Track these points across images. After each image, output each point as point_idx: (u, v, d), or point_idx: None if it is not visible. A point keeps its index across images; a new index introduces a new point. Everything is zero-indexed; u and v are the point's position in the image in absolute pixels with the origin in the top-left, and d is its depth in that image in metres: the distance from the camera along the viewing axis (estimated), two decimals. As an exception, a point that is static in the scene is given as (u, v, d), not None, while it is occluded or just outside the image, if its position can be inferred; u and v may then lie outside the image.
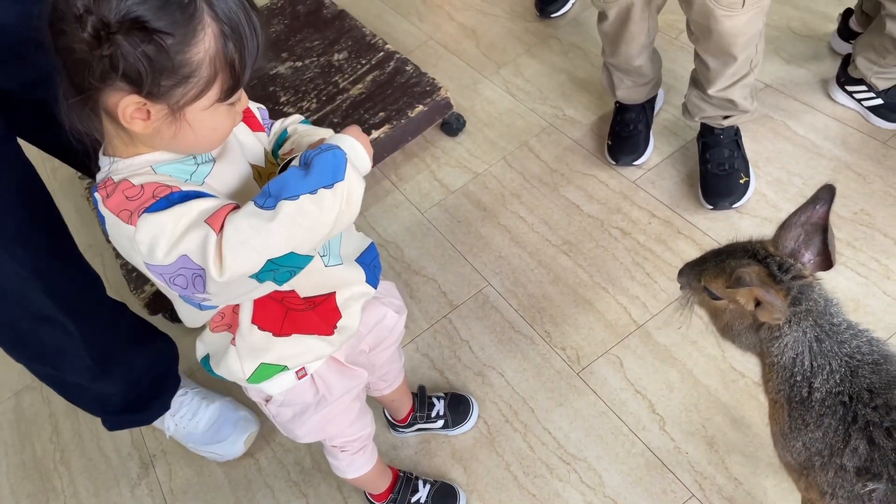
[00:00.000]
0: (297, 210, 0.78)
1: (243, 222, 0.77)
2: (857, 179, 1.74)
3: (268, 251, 0.78)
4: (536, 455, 1.52)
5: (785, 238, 0.96)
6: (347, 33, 2.41)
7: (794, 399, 0.97)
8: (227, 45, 0.77)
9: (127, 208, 0.80)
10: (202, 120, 0.82)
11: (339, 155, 0.82)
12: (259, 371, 1.03)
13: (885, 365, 0.94)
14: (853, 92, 1.84)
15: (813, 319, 0.94)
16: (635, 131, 1.92)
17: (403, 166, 2.17)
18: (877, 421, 0.90)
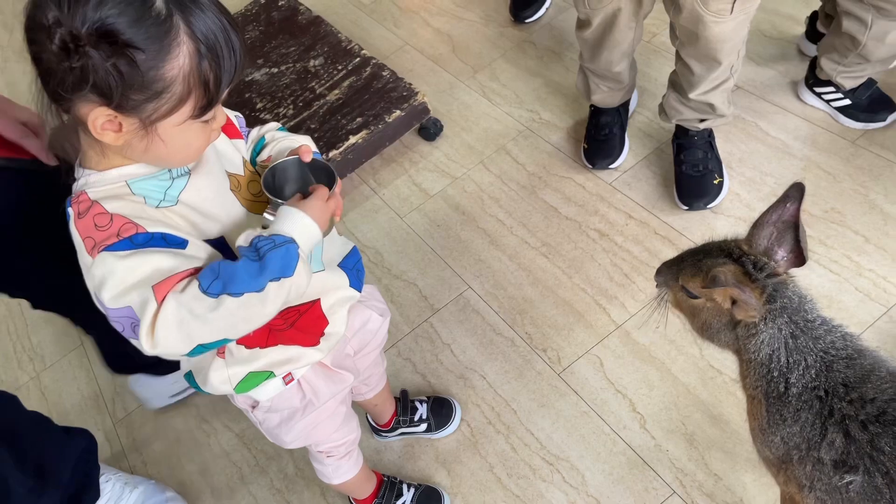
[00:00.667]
0: (238, 306, 0.79)
1: (184, 305, 0.78)
2: (827, 178, 1.78)
3: (200, 339, 0.80)
4: (519, 456, 1.53)
5: (758, 237, 0.98)
6: (323, 39, 2.41)
7: (771, 394, 0.99)
8: (202, 64, 0.77)
9: (92, 237, 0.81)
10: (174, 135, 0.81)
11: (292, 251, 0.82)
12: (246, 379, 1.03)
13: (859, 359, 0.96)
14: (821, 93, 1.88)
15: (788, 316, 0.96)
16: (611, 135, 1.94)
17: (382, 171, 2.18)
18: (852, 414, 0.92)
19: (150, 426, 1.81)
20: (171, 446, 1.76)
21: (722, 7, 1.45)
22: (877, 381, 0.94)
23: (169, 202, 0.87)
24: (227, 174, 0.96)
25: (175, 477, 1.70)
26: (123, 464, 1.76)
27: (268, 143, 1.04)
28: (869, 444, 0.91)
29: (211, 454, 1.71)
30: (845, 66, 1.79)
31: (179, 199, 0.88)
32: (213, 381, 1.02)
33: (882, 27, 1.65)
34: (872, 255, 1.63)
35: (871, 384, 0.94)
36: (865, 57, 1.74)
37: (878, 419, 0.91)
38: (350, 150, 2.05)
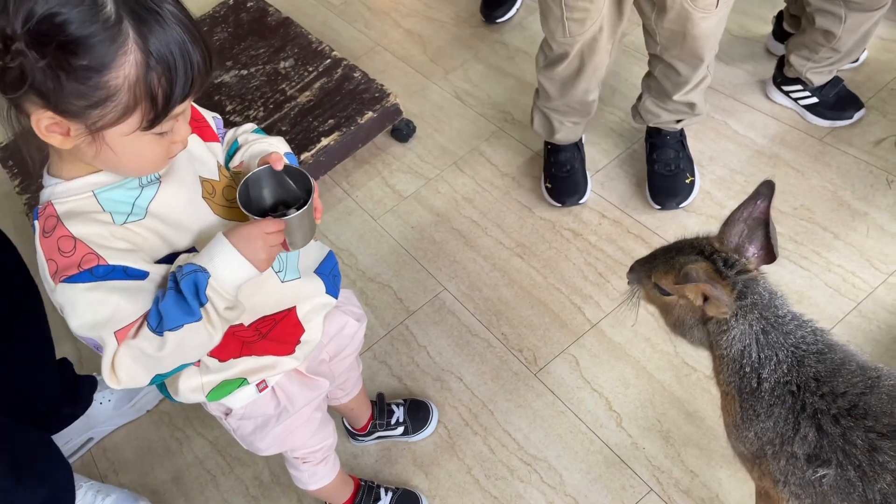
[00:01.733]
0: (181, 338, 0.82)
1: (136, 348, 0.81)
2: (796, 175, 1.81)
3: (157, 371, 0.85)
4: (497, 457, 1.53)
5: (729, 234, 0.99)
6: (293, 40, 2.39)
7: (744, 390, 1.00)
8: (150, 76, 0.73)
9: (55, 260, 0.80)
10: (123, 145, 0.78)
11: (201, 280, 0.83)
12: (219, 387, 1.01)
13: (830, 354, 0.98)
14: (789, 91, 1.91)
15: (759, 312, 0.97)
16: (573, 170, 1.88)
17: (355, 173, 2.16)
18: (824, 408, 0.93)
19: (120, 434, 1.77)
20: (142, 454, 1.73)
21: (709, 2, 1.46)
22: (847, 374, 0.95)
23: (136, 216, 0.85)
24: (201, 180, 0.93)
25: (147, 485, 1.67)
26: (94, 472, 1.72)
27: (241, 147, 1.02)
28: (841, 437, 0.92)
29: (184, 461, 1.69)
30: (815, 61, 1.81)
31: (148, 211, 0.86)
32: (184, 389, 1.00)
33: (856, 20, 1.69)
34: (841, 251, 1.65)
35: (842, 378, 0.95)
36: (837, 49, 1.76)
37: (850, 413, 0.92)
38: (322, 152, 2.03)
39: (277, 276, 1.01)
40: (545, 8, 1.55)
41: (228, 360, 1.01)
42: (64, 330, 1.98)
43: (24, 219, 2.24)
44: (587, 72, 1.65)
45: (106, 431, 1.77)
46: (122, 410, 1.76)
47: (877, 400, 0.92)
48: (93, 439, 1.76)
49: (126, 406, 1.76)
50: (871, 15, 1.68)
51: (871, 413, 0.92)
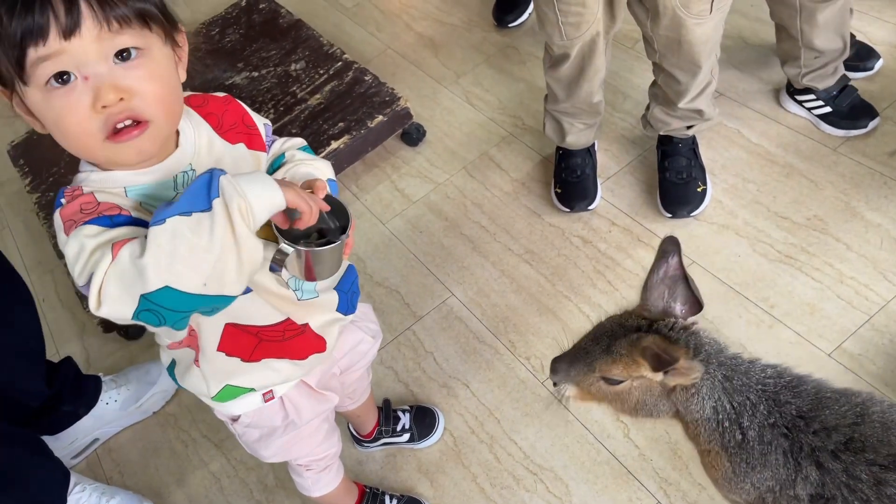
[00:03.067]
0: (164, 233, 0.67)
1: (126, 252, 0.69)
2: (809, 186, 1.79)
3: (140, 287, 0.68)
4: (503, 466, 1.52)
5: (651, 298, 0.99)
6: (304, 43, 2.39)
7: (729, 445, 0.97)
8: None
9: (73, 219, 0.75)
10: (41, 112, 0.74)
11: (215, 173, 0.71)
12: (224, 391, 1.00)
13: (802, 385, 0.96)
14: (802, 101, 1.89)
15: (716, 362, 0.95)
16: (583, 176, 1.87)
17: (364, 177, 2.16)
18: (821, 445, 0.91)
19: (126, 435, 1.77)
20: (148, 456, 1.73)
21: (702, 8, 1.45)
22: (834, 405, 0.93)
23: None
24: None
25: (152, 487, 1.67)
26: (99, 474, 1.72)
27: (286, 163, 0.97)
28: (844, 473, 0.89)
29: (189, 464, 1.68)
30: (804, 65, 1.80)
31: None
32: (192, 376, 0.98)
33: (808, 10, 1.68)
34: (854, 262, 1.63)
35: (830, 410, 0.93)
36: (811, 47, 1.75)
37: (848, 447, 0.90)
38: (332, 155, 2.03)
39: (294, 293, 0.98)
40: (541, 13, 1.57)
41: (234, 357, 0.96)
42: (70, 329, 2.00)
43: (34, 217, 2.25)
44: (588, 73, 1.66)
45: (112, 432, 1.77)
46: (129, 411, 1.76)
47: (871, 430, 0.91)
48: (98, 440, 1.76)
49: (132, 407, 1.76)
50: (825, 4, 1.66)
51: (868, 445, 0.90)
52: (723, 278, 1.67)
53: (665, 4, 1.46)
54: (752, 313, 1.60)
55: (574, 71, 1.67)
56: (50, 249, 2.15)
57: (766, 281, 1.65)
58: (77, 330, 2.00)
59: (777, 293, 1.62)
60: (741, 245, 1.71)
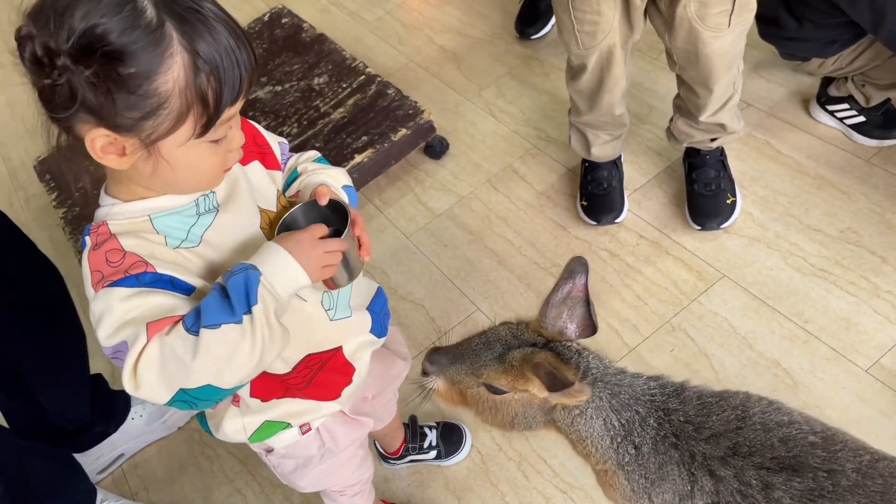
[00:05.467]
0: (217, 340, 0.73)
1: (167, 345, 0.73)
2: (841, 198, 1.75)
3: (182, 382, 0.74)
4: (532, 484, 1.49)
5: (549, 315, 0.98)
6: (327, 57, 2.39)
7: (624, 462, 0.97)
8: (199, 77, 0.71)
9: (100, 271, 0.77)
10: (179, 157, 0.76)
11: (252, 277, 0.76)
12: (262, 429, 0.99)
13: (685, 392, 0.97)
14: (835, 111, 1.86)
15: (602, 381, 0.95)
16: (610, 188, 1.84)
17: (387, 190, 2.15)
18: (711, 453, 0.91)
19: (151, 451, 1.77)
20: (173, 471, 1.72)
21: (720, 21, 1.43)
22: (718, 410, 0.94)
23: (191, 242, 0.82)
24: (259, 210, 0.90)
25: (177, 503, 1.66)
26: (125, 489, 1.71)
27: (300, 175, 0.98)
28: (735, 479, 0.90)
29: (214, 480, 1.67)
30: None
31: (203, 239, 0.83)
32: (227, 429, 0.98)
33: None
34: (890, 276, 1.60)
35: (715, 416, 0.94)
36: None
37: (735, 452, 0.91)
38: (355, 169, 2.02)
39: (327, 313, 0.97)
40: (559, 21, 1.57)
41: (271, 399, 0.98)
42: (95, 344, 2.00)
43: (60, 232, 2.26)
44: (608, 84, 1.63)
45: (137, 447, 1.77)
46: (154, 427, 1.76)
47: (753, 433, 0.91)
48: (123, 455, 1.76)
49: (157, 422, 1.75)
50: None
51: (755, 449, 0.91)
52: (755, 292, 1.64)
53: (681, 16, 1.44)
54: (785, 328, 1.57)
55: (593, 82, 1.65)
56: (76, 264, 2.16)
57: (800, 295, 1.61)
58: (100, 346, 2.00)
59: (811, 307, 1.59)
60: (773, 258, 1.68)
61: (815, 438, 0.90)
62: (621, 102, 1.71)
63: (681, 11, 1.43)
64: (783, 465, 0.88)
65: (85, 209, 2.20)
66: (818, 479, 0.87)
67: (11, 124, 2.88)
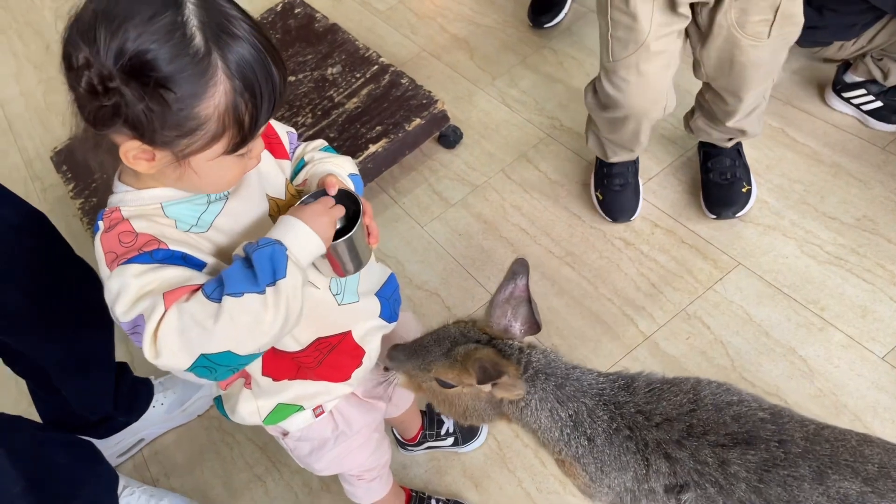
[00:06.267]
0: (239, 309, 0.75)
1: (187, 311, 0.75)
2: (858, 185, 1.75)
3: (202, 347, 0.76)
4: (549, 471, 1.51)
5: (495, 315, 1.03)
6: (340, 47, 2.40)
7: (578, 455, 1.01)
8: (239, 103, 0.74)
9: (114, 251, 0.79)
10: (208, 168, 0.79)
11: (278, 252, 0.79)
12: (276, 411, 1.01)
13: (634, 383, 1.01)
14: (850, 98, 1.85)
15: (543, 374, 0.99)
16: (626, 184, 1.82)
17: (401, 180, 2.16)
18: (665, 437, 0.95)
19: (171, 438, 1.79)
20: (193, 458, 1.74)
21: (760, 30, 1.40)
22: (669, 396, 0.98)
23: (200, 228, 0.85)
24: (268, 198, 0.93)
25: (198, 489, 1.69)
26: (146, 475, 1.74)
27: (307, 164, 1.00)
28: (691, 458, 0.94)
29: (234, 467, 1.70)
30: None
31: (212, 225, 0.86)
32: (242, 411, 1.01)
33: None
34: (907, 263, 1.60)
35: (666, 401, 0.97)
36: None
37: (690, 433, 0.95)
38: (370, 159, 2.03)
39: (335, 297, 0.99)
40: (599, 23, 1.52)
41: (282, 380, 1.00)
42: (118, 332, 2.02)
43: (77, 223, 2.28)
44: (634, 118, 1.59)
45: (157, 433, 1.80)
46: (174, 414, 1.78)
47: (706, 413, 0.95)
48: (143, 440, 1.79)
49: (177, 410, 1.78)
50: None
51: (709, 428, 0.94)
52: (770, 280, 1.64)
53: (720, 23, 1.41)
54: (801, 316, 1.58)
55: (619, 116, 1.60)
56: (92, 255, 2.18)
57: (816, 283, 1.61)
58: (121, 335, 2.02)
59: (827, 295, 1.59)
60: (789, 246, 1.69)
61: (763, 414, 0.95)
62: (647, 130, 1.67)
63: (720, 18, 1.40)
64: (737, 440, 0.93)
65: (103, 199, 2.22)
66: (770, 450, 0.91)
67: (26, 115, 2.90)
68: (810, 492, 0.89)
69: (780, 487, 0.90)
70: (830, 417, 1.42)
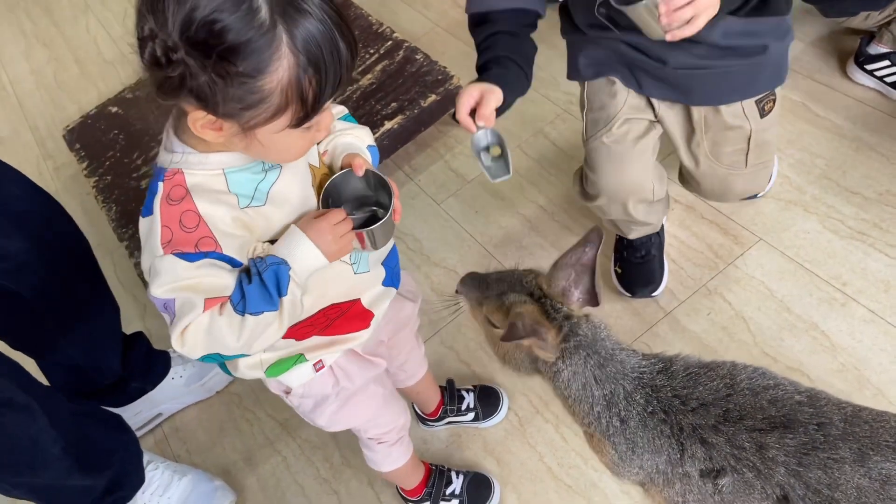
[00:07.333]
0: (257, 324, 0.84)
1: (217, 320, 0.83)
2: (880, 160, 1.73)
3: (222, 348, 0.85)
4: (570, 446, 1.51)
5: (557, 277, 1.03)
6: (353, 22, 2.36)
7: (609, 433, 1.01)
8: (303, 78, 0.73)
9: (172, 230, 0.81)
10: (274, 140, 0.80)
11: (282, 272, 0.85)
12: (277, 364, 1.03)
13: (672, 366, 1.00)
14: (874, 70, 1.83)
15: (585, 351, 0.99)
16: (648, 256, 1.64)
17: (417, 157, 2.15)
18: (702, 423, 0.95)
19: (192, 414, 1.80)
20: (214, 435, 1.76)
21: (736, 160, 1.41)
22: (705, 381, 0.98)
23: (258, 201, 0.86)
24: (310, 167, 0.95)
25: (220, 465, 1.70)
26: (167, 452, 1.75)
27: (328, 134, 1.01)
28: (728, 444, 0.94)
29: (255, 443, 1.71)
30: None
31: (269, 197, 0.87)
32: (242, 366, 1.03)
33: None
34: (930, 238, 1.59)
35: (702, 387, 0.98)
36: None
37: (726, 418, 0.95)
38: (385, 135, 2.02)
39: (351, 266, 1.02)
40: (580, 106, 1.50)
41: (289, 339, 1.02)
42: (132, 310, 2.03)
43: (92, 201, 2.29)
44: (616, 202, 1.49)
45: (175, 408, 1.80)
46: (192, 388, 1.79)
47: (743, 398, 0.95)
48: (162, 415, 1.80)
49: (196, 384, 1.79)
50: None
51: (746, 413, 0.94)
52: (791, 255, 1.63)
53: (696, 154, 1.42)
54: (823, 291, 1.57)
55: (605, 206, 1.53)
56: (109, 232, 2.18)
57: (838, 258, 1.61)
58: (139, 311, 2.04)
59: (849, 270, 1.58)
60: (810, 221, 1.67)
61: (800, 397, 0.95)
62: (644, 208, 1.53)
63: (695, 149, 1.42)
64: (774, 424, 0.93)
65: (117, 177, 2.22)
66: (809, 433, 0.91)
67: (36, 94, 2.89)
68: (851, 473, 0.88)
69: (820, 470, 0.89)
70: (853, 392, 1.42)
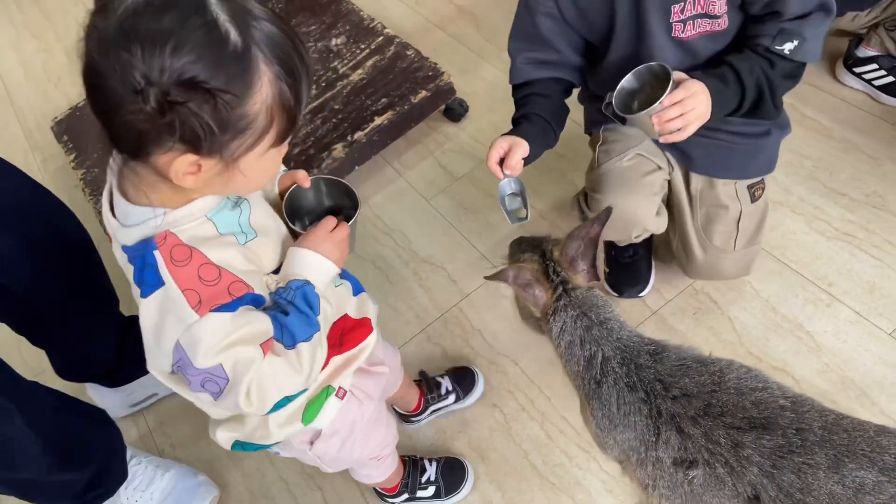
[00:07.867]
0: (311, 350, 0.86)
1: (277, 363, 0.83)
2: (868, 161, 1.74)
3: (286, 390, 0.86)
4: (555, 444, 1.51)
5: (569, 246, 1.09)
6: (345, 17, 2.37)
7: (589, 395, 1.05)
8: (283, 89, 0.73)
9: (196, 290, 0.78)
10: (255, 167, 0.78)
11: (309, 292, 0.87)
12: (310, 406, 1.02)
13: (664, 353, 1.02)
14: (862, 73, 1.84)
15: (577, 311, 1.06)
16: (637, 256, 1.67)
17: (407, 153, 2.14)
18: (681, 412, 0.97)
19: (177, 409, 1.79)
20: (199, 430, 1.75)
21: (725, 242, 1.43)
22: (693, 374, 1.00)
23: (251, 234, 0.87)
24: None
25: (204, 460, 1.69)
26: (151, 446, 1.75)
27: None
28: (704, 437, 0.95)
29: (240, 439, 1.70)
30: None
31: (254, 227, 0.87)
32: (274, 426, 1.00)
33: None
34: (915, 240, 1.59)
35: (689, 378, 0.99)
36: None
37: (707, 412, 0.96)
38: (375, 131, 2.01)
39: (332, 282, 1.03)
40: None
41: None
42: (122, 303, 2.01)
43: (79, 193, 2.27)
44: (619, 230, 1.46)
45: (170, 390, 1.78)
46: None
47: (727, 396, 0.97)
48: (157, 394, 1.78)
49: None
50: None
51: (727, 411, 0.95)
52: (778, 255, 1.64)
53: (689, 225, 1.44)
54: (809, 291, 1.57)
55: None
56: (96, 225, 2.16)
57: (824, 259, 1.61)
58: (127, 304, 2.02)
59: (835, 271, 1.59)
60: (797, 222, 1.68)
61: (785, 402, 0.96)
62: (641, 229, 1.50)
63: (688, 219, 1.44)
64: (753, 425, 0.94)
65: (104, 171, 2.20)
66: (787, 436, 0.92)
67: (25, 85, 2.87)
68: (825, 480, 0.89)
69: (793, 474, 0.90)
70: (837, 393, 1.42)
